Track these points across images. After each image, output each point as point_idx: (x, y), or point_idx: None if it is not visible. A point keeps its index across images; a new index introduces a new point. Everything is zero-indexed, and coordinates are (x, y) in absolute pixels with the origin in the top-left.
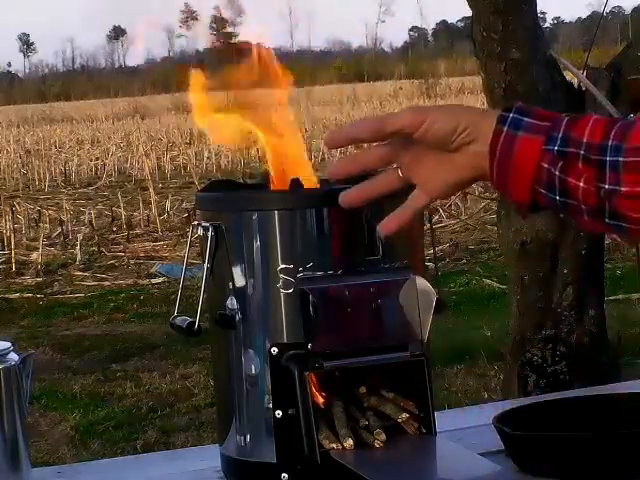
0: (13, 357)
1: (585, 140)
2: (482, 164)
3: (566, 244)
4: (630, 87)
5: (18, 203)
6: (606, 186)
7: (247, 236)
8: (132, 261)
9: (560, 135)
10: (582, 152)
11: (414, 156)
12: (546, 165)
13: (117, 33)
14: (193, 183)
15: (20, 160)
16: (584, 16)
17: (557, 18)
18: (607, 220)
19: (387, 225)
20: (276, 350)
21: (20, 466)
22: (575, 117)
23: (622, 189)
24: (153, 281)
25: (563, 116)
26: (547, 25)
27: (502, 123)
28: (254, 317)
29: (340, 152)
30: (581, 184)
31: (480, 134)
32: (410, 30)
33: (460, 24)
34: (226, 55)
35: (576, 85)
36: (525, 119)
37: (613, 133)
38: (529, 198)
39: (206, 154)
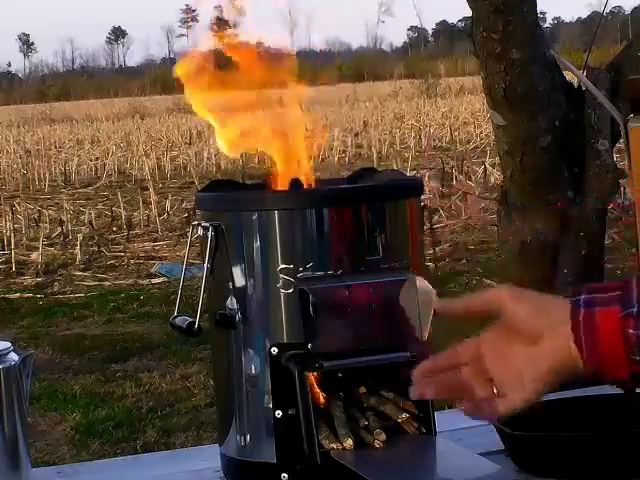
0: (13, 357)
1: None
2: (563, 352)
3: (566, 244)
4: (630, 87)
5: (18, 203)
6: None
7: (247, 236)
8: (132, 261)
9: (635, 296)
10: None
11: (515, 373)
12: (631, 331)
13: (117, 34)
14: (193, 183)
15: (20, 160)
16: (584, 16)
17: (557, 18)
18: None
19: (472, 411)
20: (276, 350)
21: (20, 466)
22: None
23: None
24: (153, 281)
25: (631, 279)
26: (547, 25)
27: (577, 305)
28: (254, 317)
29: (338, 152)
30: None
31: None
32: (410, 30)
33: (460, 24)
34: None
35: (576, 85)
36: (596, 295)
37: None
38: (628, 369)
39: (206, 154)
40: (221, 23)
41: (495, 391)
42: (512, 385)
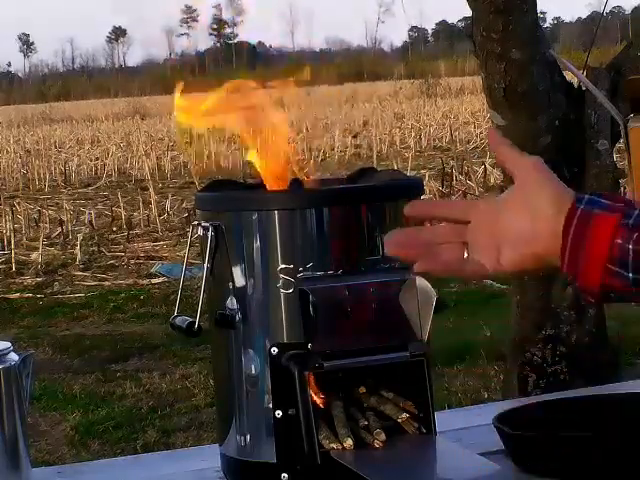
0: (13, 357)
1: None
2: (549, 241)
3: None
4: (630, 87)
5: (18, 203)
6: None
7: (247, 236)
8: (132, 261)
9: (637, 213)
10: None
11: (491, 242)
12: (620, 241)
13: (117, 34)
14: (193, 183)
15: (20, 160)
16: (584, 16)
17: (557, 18)
18: None
19: (425, 265)
20: (276, 350)
21: (20, 466)
22: None
23: None
24: (153, 281)
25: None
26: (547, 25)
27: (578, 202)
28: (254, 317)
29: (338, 152)
30: None
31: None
32: (410, 30)
33: (460, 24)
34: (225, 56)
35: (576, 85)
36: (602, 200)
37: None
38: (600, 280)
39: (206, 154)
40: (220, 23)
41: (465, 255)
42: (486, 253)
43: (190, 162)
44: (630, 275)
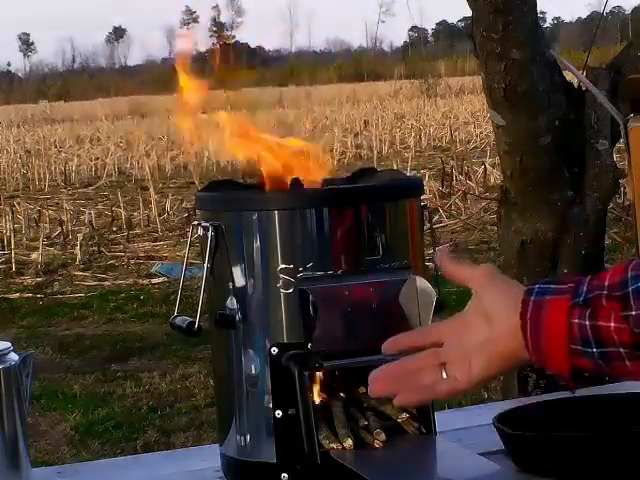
0: (13, 357)
1: (607, 283)
2: (512, 339)
3: (566, 244)
4: (630, 87)
5: (18, 203)
6: (633, 312)
7: (247, 236)
8: (132, 261)
9: (584, 288)
10: (605, 292)
11: (462, 355)
12: (576, 320)
13: (117, 34)
14: (193, 183)
15: (20, 160)
16: (584, 16)
17: (557, 18)
18: None
19: (403, 398)
20: (276, 350)
21: (20, 466)
22: (599, 272)
23: None
24: (153, 281)
25: (587, 276)
26: (547, 25)
27: (529, 294)
28: (254, 317)
29: (338, 152)
30: (612, 324)
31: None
32: (410, 30)
33: (460, 24)
34: (224, 56)
35: (576, 85)
36: (551, 286)
37: (631, 266)
38: (568, 361)
39: (206, 154)
40: (220, 24)
41: (444, 375)
42: (459, 367)
43: (190, 162)
44: (594, 350)
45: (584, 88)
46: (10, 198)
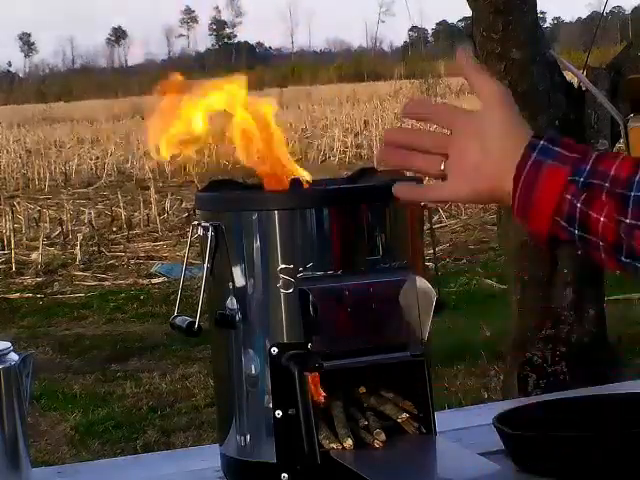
0: (13, 357)
1: (612, 173)
2: (503, 181)
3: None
4: (630, 87)
5: (18, 203)
6: (627, 220)
7: (247, 236)
8: (132, 261)
9: (588, 168)
10: (607, 185)
11: (459, 154)
12: (569, 197)
13: (117, 34)
14: (193, 183)
15: (20, 160)
16: (584, 16)
17: (557, 18)
18: (623, 258)
19: (400, 190)
20: (276, 350)
21: (20, 466)
22: (605, 152)
23: None
24: (153, 281)
25: (593, 150)
26: (547, 25)
27: (532, 148)
28: (254, 317)
29: (338, 152)
30: (602, 218)
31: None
32: (410, 30)
33: (460, 24)
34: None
35: (576, 85)
36: (555, 148)
37: None
38: (547, 229)
39: (206, 153)
40: (220, 24)
41: (442, 167)
42: (454, 174)
43: (190, 163)
44: (576, 232)
45: (584, 88)
46: (10, 198)
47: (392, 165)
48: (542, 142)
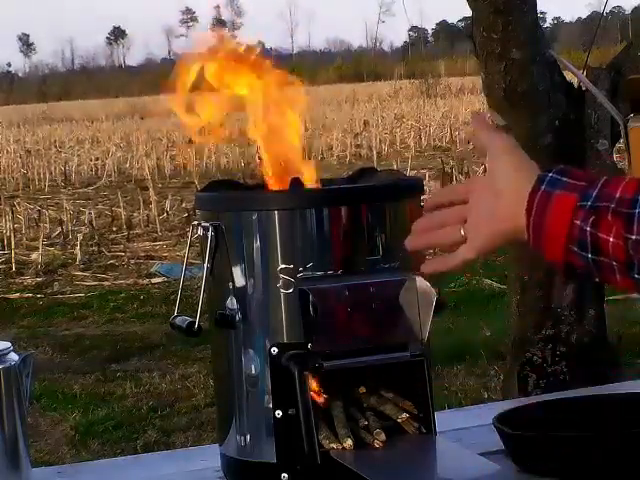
0: (13, 357)
1: (618, 195)
2: (516, 219)
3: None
4: (630, 87)
5: (18, 203)
6: (633, 237)
7: (247, 236)
8: (132, 261)
9: (595, 192)
10: (613, 205)
11: (476, 210)
12: (579, 222)
13: (117, 34)
14: (193, 183)
15: (20, 160)
16: (584, 16)
17: (557, 18)
18: (636, 275)
19: (429, 266)
20: (276, 350)
21: (20, 466)
22: (612, 178)
23: None
24: (153, 281)
25: (601, 177)
26: (547, 25)
27: (541, 181)
28: (254, 317)
29: (338, 152)
30: (611, 239)
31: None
32: (410, 30)
33: (460, 24)
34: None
35: (576, 85)
36: (563, 179)
37: None
38: (563, 257)
39: (206, 154)
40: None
41: (462, 232)
42: (470, 234)
43: (189, 163)
44: (589, 256)
45: (584, 88)
46: (10, 198)
47: (420, 249)
48: (550, 174)
